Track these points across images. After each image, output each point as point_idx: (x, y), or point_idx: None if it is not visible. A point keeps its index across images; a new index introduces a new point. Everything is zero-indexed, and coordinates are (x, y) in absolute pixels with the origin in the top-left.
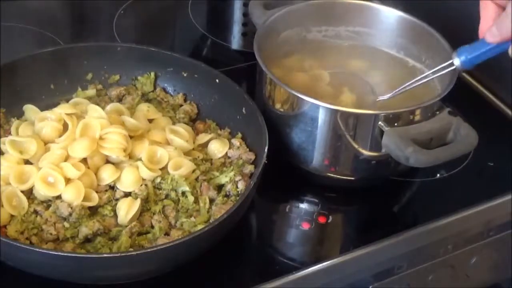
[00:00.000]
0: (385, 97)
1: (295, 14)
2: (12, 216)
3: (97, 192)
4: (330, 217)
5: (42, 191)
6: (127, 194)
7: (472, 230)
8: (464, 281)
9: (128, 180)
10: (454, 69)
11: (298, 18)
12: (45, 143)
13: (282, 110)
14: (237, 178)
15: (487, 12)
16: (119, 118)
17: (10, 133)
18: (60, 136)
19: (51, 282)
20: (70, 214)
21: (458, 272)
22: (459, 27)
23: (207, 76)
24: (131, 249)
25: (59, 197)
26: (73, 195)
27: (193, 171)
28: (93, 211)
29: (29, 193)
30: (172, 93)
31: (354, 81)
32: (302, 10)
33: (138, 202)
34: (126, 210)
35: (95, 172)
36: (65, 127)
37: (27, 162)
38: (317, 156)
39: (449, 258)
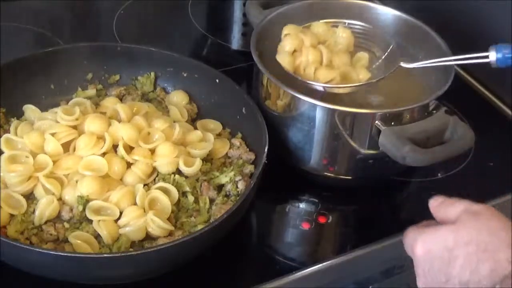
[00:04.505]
0: (410, 65)
1: (292, 13)
2: (12, 216)
3: None
4: (330, 217)
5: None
6: None
7: None
8: None
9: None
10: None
11: (295, 17)
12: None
13: (279, 109)
14: (237, 178)
15: None
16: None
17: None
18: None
19: (51, 282)
20: (71, 218)
21: None
22: (456, 27)
23: (207, 76)
24: (131, 249)
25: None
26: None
27: None
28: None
29: (29, 194)
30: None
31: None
32: (299, 9)
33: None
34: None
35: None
36: (67, 144)
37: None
38: (315, 156)
39: None
